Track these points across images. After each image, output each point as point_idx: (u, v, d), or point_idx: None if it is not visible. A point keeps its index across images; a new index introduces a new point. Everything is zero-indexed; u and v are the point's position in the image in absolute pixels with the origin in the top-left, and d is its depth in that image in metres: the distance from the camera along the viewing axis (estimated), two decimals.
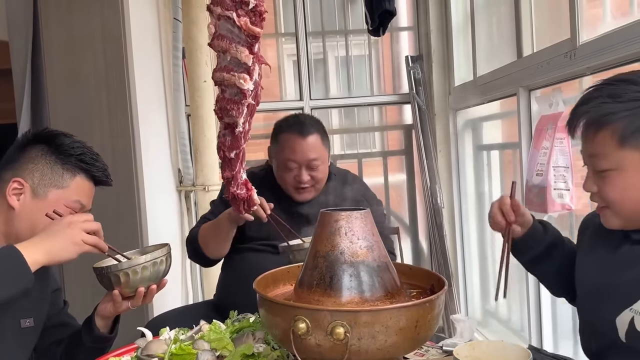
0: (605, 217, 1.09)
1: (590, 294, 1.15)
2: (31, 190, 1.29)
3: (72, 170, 1.33)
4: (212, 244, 1.75)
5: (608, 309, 1.07)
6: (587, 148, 1.07)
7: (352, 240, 1.04)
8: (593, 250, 1.17)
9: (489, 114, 2.85)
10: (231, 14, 1.15)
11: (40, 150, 1.32)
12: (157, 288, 1.37)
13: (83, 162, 1.34)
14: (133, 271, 1.29)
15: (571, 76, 1.88)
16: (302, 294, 1.05)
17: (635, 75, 1.04)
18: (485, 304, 3.08)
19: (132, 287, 1.31)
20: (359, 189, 1.90)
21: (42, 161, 1.31)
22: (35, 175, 1.30)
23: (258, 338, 1.25)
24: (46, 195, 1.30)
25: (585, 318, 1.19)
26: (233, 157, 1.26)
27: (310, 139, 1.75)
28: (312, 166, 1.75)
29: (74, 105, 2.40)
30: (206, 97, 2.87)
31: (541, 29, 2.21)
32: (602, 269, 1.13)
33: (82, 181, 1.34)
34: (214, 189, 2.92)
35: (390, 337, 0.93)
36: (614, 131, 1.01)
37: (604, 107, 1.02)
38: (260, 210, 1.58)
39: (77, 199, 1.33)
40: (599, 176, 1.06)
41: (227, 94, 1.21)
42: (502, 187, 2.73)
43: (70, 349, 1.43)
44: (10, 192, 1.28)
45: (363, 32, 3.34)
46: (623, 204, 1.04)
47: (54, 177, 1.31)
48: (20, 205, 1.28)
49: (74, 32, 2.39)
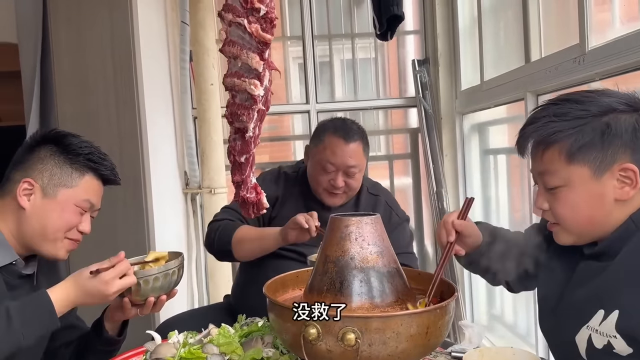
0: (556, 234, 1.11)
1: (550, 312, 1.16)
2: (41, 190, 1.30)
3: (80, 169, 1.34)
4: (248, 251, 1.73)
5: (566, 327, 1.08)
6: (537, 166, 1.09)
7: (363, 245, 1.05)
8: (552, 268, 1.18)
9: (496, 119, 2.84)
10: (242, 21, 1.16)
11: (49, 151, 1.33)
12: (167, 297, 1.37)
13: (91, 161, 1.35)
14: (145, 281, 1.29)
15: (580, 82, 1.88)
16: (312, 299, 1.05)
17: (578, 94, 1.08)
18: (490, 309, 3.07)
19: (142, 295, 1.31)
20: (386, 210, 1.86)
21: (51, 161, 1.32)
22: (44, 175, 1.31)
23: (267, 342, 1.25)
24: (56, 194, 1.31)
25: (548, 336, 1.20)
26: (243, 161, 1.27)
27: (354, 145, 1.74)
28: (349, 173, 1.73)
29: (82, 107, 2.41)
30: (213, 100, 2.88)
31: (549, 34, 2.21)
32: (559, 286, 1.13)
33: (90, 180, 1.35)
34: (220, 191, 2.92)
35: (401, 343, 0.93)
36: (561, 148, 1.03)
37: (550, 125, 1.04)
38: (312, 226, 1.57)
39: (87, 198, 1.34)
40: (549, 193, 1.08)
41: (238, 99, 1.22)
42: (509, 192, 2.72)
43: (79, 351, 1.44)
44: (20, 193, 1.29)
45: (369, 35, 3.34)
46: (573, 220, 1.06)
47: (63, 177, 1.32)
48: (31, 206, 1.29)
49: (82, 34, 2.40)
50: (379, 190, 1.93)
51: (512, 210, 2.70)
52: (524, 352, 1.12)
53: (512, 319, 2.82)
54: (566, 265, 1.13)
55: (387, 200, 1.90)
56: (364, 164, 1.78)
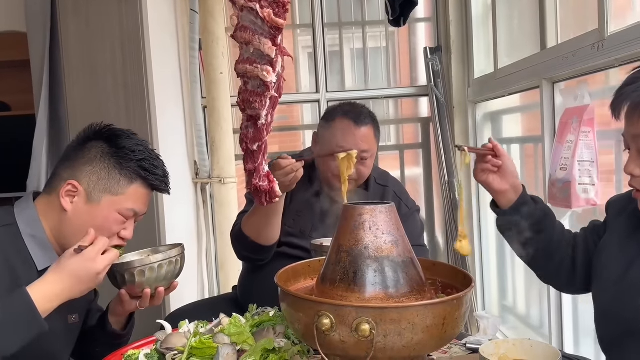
0: None
1: (616, 279, 1.13)
2: (85, 194, 1.25)
3: (129, 176, 1.27)
4: (262, 226, 1.61)
5: (632, 294, 1.06)
6: (633, 129, 1.05)
7: (377, 234, 1.02)
8: (625, 237, 1.15)
9: (509, 107, 2.80)
10: (254, 5, 1.13)
11: (99, 151, 1.27)
12: (168, 290, 1.35)
13: (142, 169, 1.28)
14: (139, 272, 1.27)
15: (598, 68, 1.83)
16: (324, 289, 1.03)
17: None
18: (502, 300, 3.04)
19: (139, 286, 1.29)
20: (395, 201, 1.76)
21: (100, 164, 1.26)
22: (91, 178, 1.25)
23: (279, 332, 1.23)
24: (100, 200, 1.25)
25: (606, 303, 1.17)
26: (255, 149, 1.24)
27: (365, 129, 1.68)
28: (360, 157, 1.67)
29: (92, 96, 2.40)
30: (222, 89, 2.86)
31: (566, 20, 2.15)
32: (633, 257, 1.10)
33: (138, 188, 1.29)
34: (230, 181, 2.91)
35: (417, 334, 0.90)
36: None
37: None
38: None
39: (132, 207, 1.28)
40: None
41: (250, 86, 1.19)
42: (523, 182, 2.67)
43: (88, 342, 1.43)
44: (63, 194, 1.24)
45: (380, 24, 3.30)
46: None
47: (110, 183, 1.25)
48: (73, 209, 1.24)
49: (91, 23, 2.38)
50: (387, 180, 1.88)
51: None
52: (542, 344, 1.09)
53: (525, 310, 2.79)
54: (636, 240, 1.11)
55: (395, 191, 1.85)
56: (375, 149, 1.73)
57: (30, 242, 1.23)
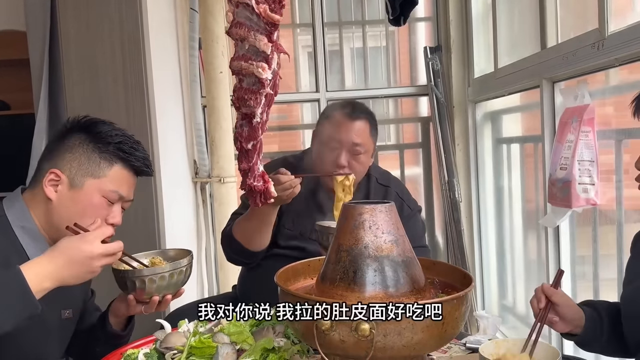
0: None
1: None
2: (68, 181, 1.25)
3: (109, 159, 1.28)
4: (253, 234, 1.63)
5: None
6: None
7: (377, 234, 1.02)
8: None
9: (509, 107, 2.79)
10: (250, 1, 1.12)
11: (78, 139, 1.28)
12: (174, 297, 1.35)
13: (121, 151, 1.29)
14: (150, 280, 1.27)
15: (598, 68, 1.83)
16: (324, 288, 1.03)
17: None
18: (502, 299, 3.04)
19: (148, 294, 1.30)
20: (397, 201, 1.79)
21: (79, 150, 1.27)
22: (72, 165, 1.26)
23: (278, 332, 1.23)
24: (82, 185, 1.25)
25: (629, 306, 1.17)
26: (250, 148, 1.23)
27: (359, 123, 1.68)
28: (354, 151, 1.66)
29: (91, 95, 2.39)
30: (222, 89, 2.86)
31: (566, 19, 2.15)
32: None
33: (120, 170, 1.29)
34: (230, 180, 2.91)
35: (417, 334, 0.90)
36: None
37: None
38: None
39: (115, 189, 1.28)
40: None
41: (245, 83, 1.18)
42: (522, 182, 2.68)
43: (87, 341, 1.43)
44: (46, 183, 1.24)
45: (379, 23, 3.29)
46: None
47: (90, 166, 1.26)
48: (58, 197, 1.25)
49: (91, 22, 2.38)
50: (389, 180, 1.87)
51: (525, 201, 2.66)
52: (542, 344, 1.09)
53: (525, 310, 2.79)
54: None
55: (397, 191, 1.85)
56: (370, 145, 1.72)
57: (21, 233, 1.23)
